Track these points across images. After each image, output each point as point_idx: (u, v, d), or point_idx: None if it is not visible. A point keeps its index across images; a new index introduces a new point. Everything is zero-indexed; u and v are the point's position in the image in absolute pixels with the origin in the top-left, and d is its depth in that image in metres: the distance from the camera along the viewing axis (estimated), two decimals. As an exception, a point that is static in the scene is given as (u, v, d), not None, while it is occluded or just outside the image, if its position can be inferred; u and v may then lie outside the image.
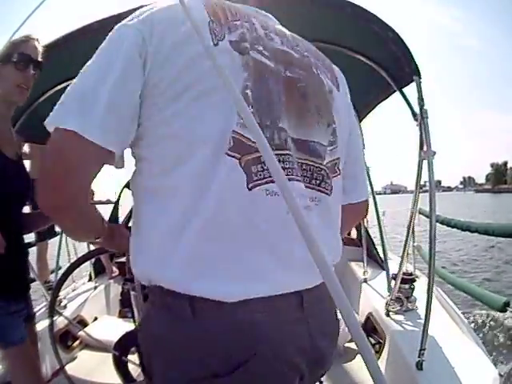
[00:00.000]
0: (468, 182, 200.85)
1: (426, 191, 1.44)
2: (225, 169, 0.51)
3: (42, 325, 1.58)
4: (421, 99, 1.40)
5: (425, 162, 1.37)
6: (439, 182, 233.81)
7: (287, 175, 0.55)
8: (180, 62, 0.53)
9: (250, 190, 0.52)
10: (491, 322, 4.42)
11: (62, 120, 0.51)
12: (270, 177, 0.51)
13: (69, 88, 0.54)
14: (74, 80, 0.54)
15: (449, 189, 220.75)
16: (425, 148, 1.37)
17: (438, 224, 1.53)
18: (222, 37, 0.56)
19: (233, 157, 0.52)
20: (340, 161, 0.70)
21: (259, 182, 0.52)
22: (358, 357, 1.74)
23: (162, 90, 0.53)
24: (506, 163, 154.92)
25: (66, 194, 0.53)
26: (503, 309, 1.75)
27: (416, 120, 1.43)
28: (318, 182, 0.63)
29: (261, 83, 0.56)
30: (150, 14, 0.56)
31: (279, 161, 0.54)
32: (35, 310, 1.79)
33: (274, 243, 0.54)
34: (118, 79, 0.51)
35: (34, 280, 1.96)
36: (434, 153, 1.34)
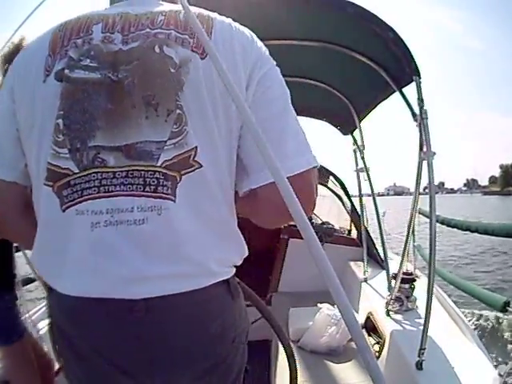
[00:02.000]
0: (472, 184, 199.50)
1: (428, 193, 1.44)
2: (44, 196, 0.60)
3: (41, 325, 1.58)
4: (420, 100, 1.39)
5: (425, 163, 1.37)
6: (442, 183, 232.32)
7: (82, 196, 0.58)
8: (25, 102, 0.63)
9: (63, 211, 0.59)
10: (491, 322, 4.42)
11: None
12: (78, 198, 0.58)
13: None
14: None
15: (452, 191, 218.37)
16: (425, 149, 1.37)
17: (438, 224, 1.53)
18: (51, 69, 0.61)
19: (47, 185, 0.60)
20: (199, 150, 0.59)
21: (70, 203, 0.58)
22: (358, 356, 1.74)
23: (22, 129, 0.64)
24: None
25: None
26: (503, 309, 1.75)
27: (416, 120, 1.43)
28: (152, 187, 0.57)
29: (76, 105, 0.59)
30: (20, 52, 0.68)
31: (84, 182, 0.58)
32: (35, 309, 1.80)
33: (79, 254, 0.59)
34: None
35: (34, 280, 1.97)
36: (434, 153, 1.34)
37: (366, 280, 2.35)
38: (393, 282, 1.85)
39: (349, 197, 3.11)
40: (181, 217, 0.58)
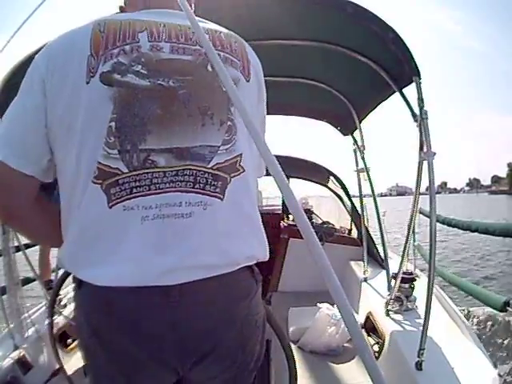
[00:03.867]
0: (476, 184, 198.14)
1: (436, 194, 1.43)
2: (89, 193, 0.63)
3: (41, 325, 1.58)
4: (420, 100, 1.39)
5: (425, 163, 1.37)
6: (445, 183, 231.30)
7: (131, 194, 0.62)
8: (63, 100, 0.63)
9: (110, 208, 0.62)
10: (491, 322, 4.42)
11: None
12: (126, 195, 0.62)
13: None
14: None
15: (455, 191, 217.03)
16: (425, 149, 1.37)
17: (438, 224, 1.53)
18: (95, 71, 0.62)
19: (96, 183, 0.62)
20: (243, 157, 0.69)
21: (118, 200, 0.62)
22: (358, 357, 1.74)
23: (56, 127, 0.64)
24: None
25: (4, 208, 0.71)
26: (503, 308, 1.75)
27: (416, 121, 1.43)
28: (201, 185, 0.64)
29: (127, 110, 0.62)
30: (48, 45, 0.67)
31: (134, 181, 0.62)
32: (35, 309, 1.80)
33: (127, 248, 0.62)
34: (26, 117, 0.65)
35: (34, 280, 1.97)
36: (434, 153, 1.34)
37: (365, 280, 2.35)
38: (393, 281, 1.85)
39: (349, 197, 3.11)
40: (224, 214, 0.65)
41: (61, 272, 1.74)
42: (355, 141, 2.44)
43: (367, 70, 1.66)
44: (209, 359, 0.67)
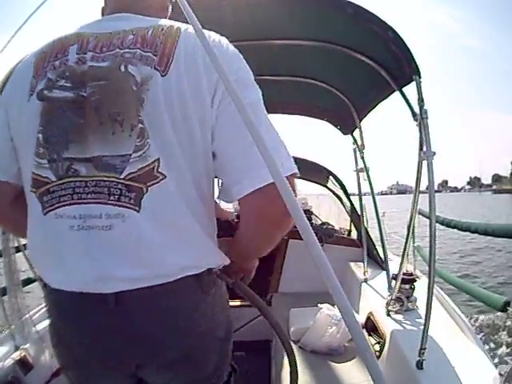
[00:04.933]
0: (476, 183, 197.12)
1: (436, 192, 1.43)
2: (30, 201, 0.69)
3: (42, 325, 1.58)
4: (421, 99, 1.39)
5: (425, 163, 1.37)
6: (446, 182, 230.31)
7: (60, 202, 0.65)
8: (15, 117, 0.71)
9: (44, 215, 0.66)
10: (491, 322, 4.42)
11: None
12: (56, 203, 0.66)
13: None
14: None
15: (456, 189, 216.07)
16: (424, 148, 1.37)
17: (437, 224, 1.53)
18: (34, 89, 0.68)
19: (32, 191, 0.68)
20: (162, 162, 0.63)
21: (50, 208, 0.66)
22: (359, 356, 1.74)
23: (15, 140, 0.72)
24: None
25: None
26: (503, 308, 1.74)
27: (416, 120, 1.43)
28: (116, 197, 0.63)
29: (52, 122, 0.66)
30: (13, 68, 0.77)
31: (61, 189, 0.65)
32: (35, 310, 1.80)
33: (59, 254, 0.67)
34: None
35: (34, 280, 1.97)
36: (434, 153, 1.33)
37: (366, 280, 2.35)
38: (393, 282, 1.85)
39: (348, 197, 3.11)
40: (143, 225, 0.63)
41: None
42: (355, 140, 2.44)
43: (367, 69, 1.66)
44: (152, 366, 0.70)
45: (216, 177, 0.73)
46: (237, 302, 2.48)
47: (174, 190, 0.64)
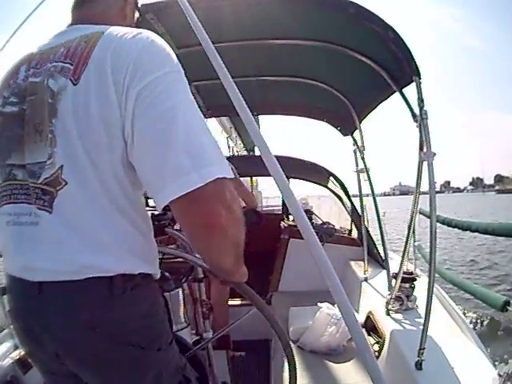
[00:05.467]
0: (479, 183, 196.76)
1: (437, 192, 1.43)
2: None
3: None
4: (421, 100, 1.39)
5: (425, 163, 1.37)
6: (448, 182, 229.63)
7: (3, 201, 0.75)
8: None
9: None
10: (491, 322, 4.42)
11: None
12: (2, 202, 0.75)
13: None
14: None
15: (458, 190, 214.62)
16: (425, 149, 1.37)
17: (438, 224, 1.53)
18: None
19: None
20: (66, 168, 0.67)
21: None
22: (358, 356, 1.74)
23: None
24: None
25: None
26: (503, 308, 1.75)
27: (416, 121, 1.43)
28: (34, 200, 0.71)
29: (3, 133, 0.75)
30: None
31: (4, 190, 0.75)
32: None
33: (3, 245, 0.78)
34: None
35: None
36: (434, 154, 1.33)
37: (366, 279, 2.35)
38: (393, 281, 1.85)
39: (349, 197, 3.11)
40: (54, 225, 0.69)
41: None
42: (355, 141, 2.44)
43: (367, 69, 1.66)
44: (70, 360, 0.74)
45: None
46: (237, 301, 2.49)
47: (76, 196, 0.68)
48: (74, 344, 0.71)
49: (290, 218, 3.33)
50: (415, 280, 1.81)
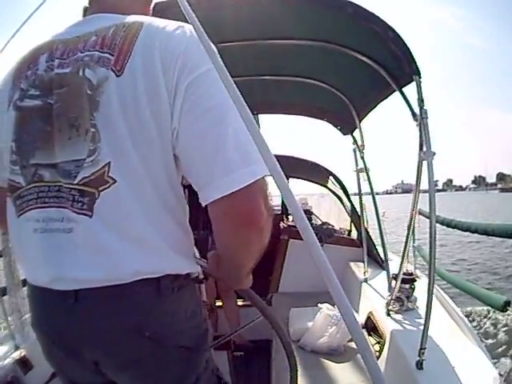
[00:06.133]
0: (481, 182, 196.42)
1: (439, 191, 1.42)
2: (9, 205, 0.73)
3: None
4: (421, 99, 1.39)
5: (425, 163, 1.37)
6: (450, 180, 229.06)
7: (28, 206, 0.69)
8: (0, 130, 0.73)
9: (18, 217, 0.71)
10: (491, 322, 4.42)
11: None
12: (26, 207, 0.69)
13: None
14: None
15: (461, 188, 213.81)
16: (424, 149, 1.37)
17: (437, 224, 1.53)
18: (11, 100, 0.70)
19: (9, 196, 0.73)
20: (113, 166, 0.62)
21: (21, 211, 0.70)
22: (358, 356, 1.74)
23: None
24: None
25: None
26: (503, 308, 1.74)
27: (416, 120, 1.43)
28: (70, 202, 0.64)
29: (24, 130, 0.69)
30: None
31: (29, 194, 0.69)
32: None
33: (28, 254, 0.72)
34: None
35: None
36: (434, 153, 1.33)
37: (366, 280, 2.35)
38: (393, 282, 1.85)
39: (348, 197, 3.11)
40: (96, 230, 0.63)
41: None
42: (355, 140, 2.44)
43: (367, 69, 1.66)
44: (109, 366, 0.72)
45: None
46: (238, 302, 2.49)
47: (125, 195, 0.63)
48: (118, 347, 0.68)
49: (290, 218, 3.33)
50: (415, 281, 1.81)
